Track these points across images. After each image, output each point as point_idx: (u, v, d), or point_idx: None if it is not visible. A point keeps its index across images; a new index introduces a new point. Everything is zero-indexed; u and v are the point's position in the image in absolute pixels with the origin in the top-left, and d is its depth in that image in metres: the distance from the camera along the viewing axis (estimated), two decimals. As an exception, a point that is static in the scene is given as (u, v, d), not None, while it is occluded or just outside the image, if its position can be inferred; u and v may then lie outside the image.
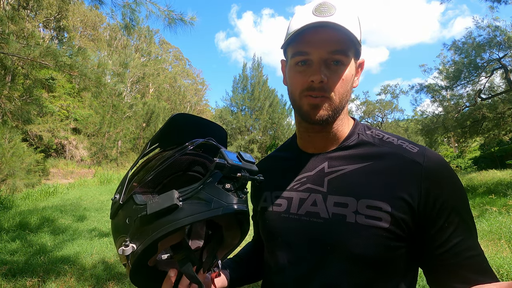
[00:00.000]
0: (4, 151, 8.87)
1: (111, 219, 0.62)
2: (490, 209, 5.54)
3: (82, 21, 28.00)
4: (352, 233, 0.57)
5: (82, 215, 6.39)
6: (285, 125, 23.29)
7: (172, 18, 4.70)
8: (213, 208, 0.50)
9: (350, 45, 0.60)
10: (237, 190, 0.53)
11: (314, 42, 0.60)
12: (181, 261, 0.60)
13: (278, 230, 0.68)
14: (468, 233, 0.56)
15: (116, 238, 0.58)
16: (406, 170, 0.58)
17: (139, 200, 0.55)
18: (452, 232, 0.55)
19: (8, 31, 4.71)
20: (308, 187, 0.66)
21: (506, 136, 14.05)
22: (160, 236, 0.51)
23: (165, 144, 0.65)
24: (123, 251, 0.52)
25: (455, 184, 0.58)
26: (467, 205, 0.58)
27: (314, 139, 0.70)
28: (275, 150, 0.86)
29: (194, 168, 0.64)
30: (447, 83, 12.72)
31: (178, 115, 0.62)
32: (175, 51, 45.18)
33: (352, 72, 0.63)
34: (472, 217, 0.58)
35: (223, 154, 0.53)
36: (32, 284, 3.11)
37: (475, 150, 21.21)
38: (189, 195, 0.52)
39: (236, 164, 0.52)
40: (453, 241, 0.54)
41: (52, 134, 19.20)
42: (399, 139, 0.65)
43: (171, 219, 0.51)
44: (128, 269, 0.57)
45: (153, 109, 23.29)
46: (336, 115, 0.64)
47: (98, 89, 5.43)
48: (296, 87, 0.64)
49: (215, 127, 0.69)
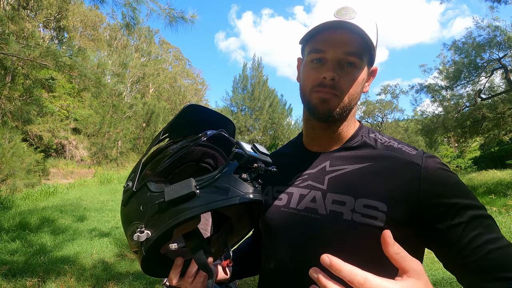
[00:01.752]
0: (4, 151, 8.86)
1: (122, 206, 0.61)
2: (490, 209, 5.55)
3: (82, 21, 28.00)
4: (347, 230, 0.58)
5: (82, 215, 6.39)
6: (285, 125, 23.28)
7: (173, 16, 4.71)
8: (230, 197, 0.51)
9: (365, 49, 0.63)
10: (253, 180, 0.54)
11: (331, 41, 0.62)
12: (193, 249, 0.60)
13: (277, 223, 0.69)
14: (485, 227, 0.54)
15: (128, 225, 0.58)
16: (404, 171, 0.59)
17: (154, 187, 0.56)
18: (464, 229, 0.53)
19: (8, 31, 4.72)
20: (309, 184, 0.68)
21: (506, 136, 14.05)
22: (177, 223, 0.51)
23: (175, 134, 0.66)
24: (138, 237, 0.53)
25: (456, 182, 0.57)
26: (474, 200, 0.56)
27: (319, 138, 0.72)
28: (281, 146, 0.88)
29: (204, 159, 0.65)
30: (447, 83, 12.73)
31: (191, 105, 0.63)
32: (175, 51, 45.20)
33: (363, 76, 0.66)
34: (484, 211, 0.56)
35: (240, 145, 0.55)
36: (32, 284, 3.11)
37: (475, 150, 21.21)
38: (206, 184, 0.53)
39: (253, 155, 0.54)
40: (468, 237, 0.53)
41: (52, 134, 19.20)
42: (399, 143, 0.66)
43: (188, 206, 0.51)
44: (140, 256, 0.57)
45: (153, 109, 23.28)
46: (343, 114, 0.66)
47: (98, 89, 5.44)
48: (308, 83, 0.66)
49: (225, 120, 0.70)
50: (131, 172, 0.63)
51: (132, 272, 3.57)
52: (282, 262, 0.66)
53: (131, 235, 0.55)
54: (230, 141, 0.65)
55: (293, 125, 24.11)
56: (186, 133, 0.65)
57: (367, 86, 0.71)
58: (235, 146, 0.55)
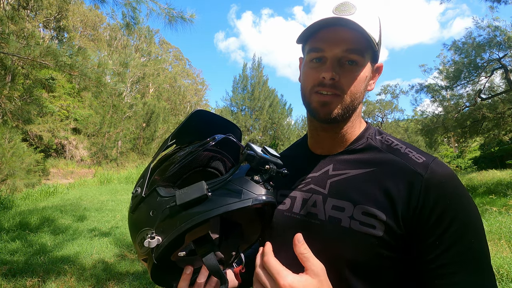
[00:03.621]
0: (4, 151, 8.87)
1: (131, 213, 0.60)
2: (490, 209, 5.54)
3: (82, 21, 28.01)
4: (344, 238, 0.56)
5: (82, 215, 6.39)
6: (285, 125, 23.30)
7: (172, 16, 4.73)
8: (243, 199, 0.50)
9: (366, 46, 0.60)
10: (265, 182, 0.53)
11: (329, 39, 0.60)
12: (205, 255, 0.59)
13: (279, 227, 0.68)
14: (469, 265, 0.50)
15: (138, 232, 0.56)
16: (406, 180, 0.55)
17: (164, 192, 0.54)
18: (442, 253, 0.50)
19: (8, 31, 4.71)
20: (311, 188, 0.66)
21: (506, 136, 14.04)
22: (189, 227, 0.49)
23: (182, 140, 0.65)
24: (149, 243, 0.51)
25: (460, 202, 0.52)
26: (474, 230, 0.51)
27: (322, 139, 0.70)
28: (286, 149, 0.86)
29: (212, 164, 0.64)
30: (447, 83, 12.73)
31: (199, 111, 0.62)
32: (175, 51, 45.21)
33: (366, 74, 0.63)
34: (482, 246, 0.51)
35: (251, 146, 0.54)
36: (32, 284, 3.11)
37: (475, 150, 21.22)
38: (218, 186, 0.52)
39: (264, 157, 0.53)
40: (438, 262, 0.50)
41: (52, 134, 19.21)
42: (407, 147, 0.62)
43: (201, 210, 0.50)
44: (150, 264, 0.55)
45: (153, 109, 23.28)
46: (346, 114, 0.63)
47: (98, 89, 5.44)
48: (308, 83, 0.64)
49: (232, 125, 0.69)
50: (139, 178, 0.61)
51: (132, 272, 3.57)
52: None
53: (141, 242, 0.53)
54: (238, 146, 0.63)
55: (293, 125, 24.16)
56: (193, 138, 0.64)
57: (372, 84, 0.68)
58: (245, 147, 0.55)
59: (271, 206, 0.58)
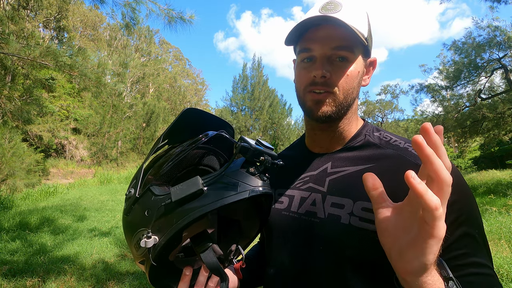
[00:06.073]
0: (4, 151, 8.87)
1: (125, 215, 0.58)
2: (490, 209, 5.54)
3: (82, 21, 27.99)
4: (345, 234, 0.56)
5: (82, 215, 6.39)
6: (285, 125, 23.29)
7: (171, 17, 4.73)
8: (239, 192, 0.49)
9: (355, 41, 0.60)
10: (260, 173, 0.53)
11: (317, 38, 0.60)
12: (203, 252, 0.57)
13: (278, 227, 0.68)
14: (474, 249, 0.51)
15: (133, 233, 0.54)
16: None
17: (158, 191, 0.53)
18: (451, 244, 0.50)
19: (8, 31, 4.71)
20: (309, 186, 0.67)
21: (506, 136, 14.04)
22: (186, 224, 0.48)
23: (174, 139, 0.64)
24: (146, 243, 0.49)
25: (462, 194, 0.53)
26: (475, 218, 0.53)
27: (319, 138, 0.71)
28: (284, 149, 0.87)
29: (206, 162, 0.64)
30: (447, 83, 12.72)
31: (190, 109, 0.61)
32: (175, 51, 45.19)
33: (359, 69, 0.63)
34: (482, 234, 0.53)
35: (245, 139, 0.53)
36: (32, 284, 3.11)
37: (475, 150, 21.21)
38: (214, 180, 0.51)
39: (258, 148, 0.52)
40: (452, 253, 0.50)
41: (52, 134, 19.20)
42: (406, 142, 0.62)
43: (197, 205, 0.49)
44: (147, 265, 0.53)
45: (153, 109, 23.28)
46: (341, 111, 0.63)
47: (98, 89, 5.44)
48: (301, 83, 0.64)
49: (224, 123, 0.68)
50: (132, 180, 0.60)
51: (132, 272, 3.57)
52: (282, 265, 0.65)
53: (137, 243, 0.52)
54: (231, 142, 0.62)
55: (293, 125, 24.13)
56: (186, 137, 0.63)
57: (367, 79, 0.68)
58: (239, 140, 0.54)
59: (268, 198, 0.57)
